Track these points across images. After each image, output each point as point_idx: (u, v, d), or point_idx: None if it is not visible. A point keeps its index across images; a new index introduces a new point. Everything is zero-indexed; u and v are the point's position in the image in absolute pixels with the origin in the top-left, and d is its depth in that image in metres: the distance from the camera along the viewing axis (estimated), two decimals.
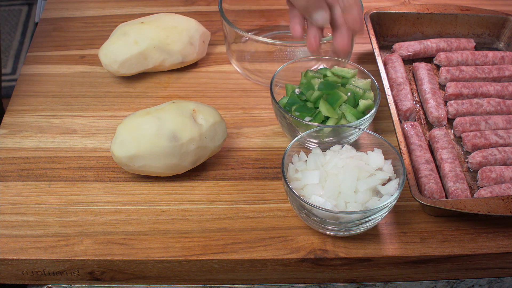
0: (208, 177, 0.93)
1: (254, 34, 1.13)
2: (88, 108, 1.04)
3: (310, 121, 0.93)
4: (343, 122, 0.94)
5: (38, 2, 1.30)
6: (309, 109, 0.95)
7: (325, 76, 1.00)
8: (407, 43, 1.14)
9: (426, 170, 0.92)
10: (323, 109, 0.93)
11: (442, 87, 1.09)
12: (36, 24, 1.22)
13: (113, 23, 1.19)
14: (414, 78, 1.11)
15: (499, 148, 0.96)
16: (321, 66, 1.07)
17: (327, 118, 0.94)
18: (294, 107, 0.95)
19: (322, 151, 0.89)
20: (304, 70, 1.00)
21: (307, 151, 0.90)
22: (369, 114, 0.93)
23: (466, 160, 0.97)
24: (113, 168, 0.95)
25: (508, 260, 0.87)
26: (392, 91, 1.04)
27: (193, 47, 1.09)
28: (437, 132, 0.99)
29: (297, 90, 0.98)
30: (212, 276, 0.87)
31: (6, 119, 1.02)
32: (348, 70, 1.00)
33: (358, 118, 0.93)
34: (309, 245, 0.86)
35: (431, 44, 1.13)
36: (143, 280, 0.87)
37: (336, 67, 1.01)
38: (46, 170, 0.94)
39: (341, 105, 0.95)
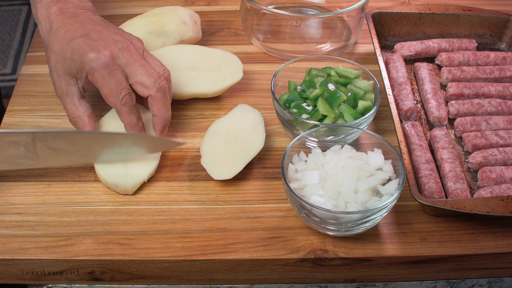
0: (208, 177, 0.93)
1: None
2: None
3: (307, 118, 0.93)
4: (341, 122, 0.94)
5: None
6: (307, 107, 0.95)
7: (329, 75, 1.00)
8: (408, 43, 1.13)
9: (426, 170, 0.92)
10: (321, 107, 0.93)
11: (443, 87, 1.09)
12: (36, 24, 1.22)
13: (113, 23, 1.19)
14: (415, 78, 1.11)
15: (500, 149, 0.96)
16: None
17: (325, 117, 0.94)
18: (293, 104, 0.95)
19: (322, 151, 0.89)
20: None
21: (307, 151, 0.90)
22: (367, 115, 0.93)
23: (467, 160, 0.97)
24: None
25: (508, 260, 0.86)
26: (393, 90, 1.04)
27: (187, 26, 1.10)
28: (438, 132, 0.98)
29: (299, 87, 0.98)
30: (212, 276, 0.87)
31: (6, 119, 1.02)
32: (352, 70, 1.00)
33: (356, 119, 0.93)
34: (309, 245, 0.86)
35: (432, 44, 1.13)
36: (143, 280, 0.87)
37: (340, 67, 1.01)
38: (46, 170, 0.94)
39: (340, 104, 0.95)
